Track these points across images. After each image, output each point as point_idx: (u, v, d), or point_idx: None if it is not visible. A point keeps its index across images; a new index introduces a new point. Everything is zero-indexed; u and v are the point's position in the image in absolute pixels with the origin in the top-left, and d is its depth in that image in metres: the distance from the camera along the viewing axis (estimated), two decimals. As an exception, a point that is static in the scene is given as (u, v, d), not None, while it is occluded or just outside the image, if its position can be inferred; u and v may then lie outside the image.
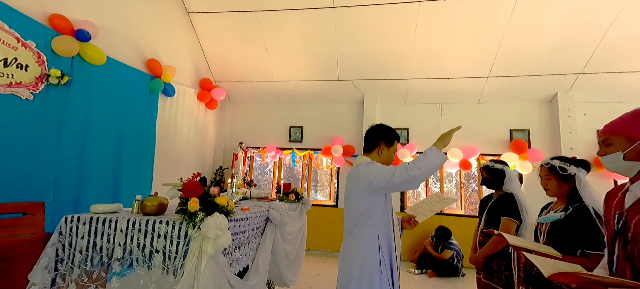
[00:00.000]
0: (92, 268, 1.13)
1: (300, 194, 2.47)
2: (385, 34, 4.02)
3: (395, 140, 1.59)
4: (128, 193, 3.12)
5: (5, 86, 2.16)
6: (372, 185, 1.36)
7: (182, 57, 4.19)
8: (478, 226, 2.03)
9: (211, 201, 1.13)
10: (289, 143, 4.92)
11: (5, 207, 1.87)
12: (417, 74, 4.39)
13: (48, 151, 2.41)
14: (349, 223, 1.46)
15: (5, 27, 2.16)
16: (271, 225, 1.69)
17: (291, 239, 1.94)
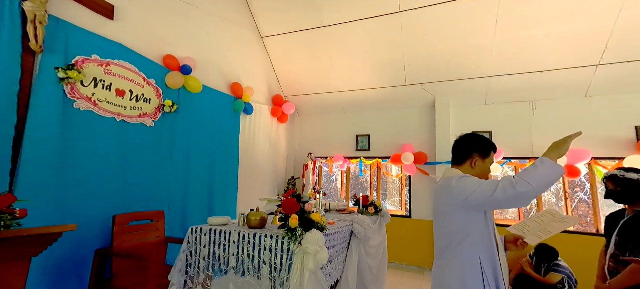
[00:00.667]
0: (214, 274, 1.33)
1: (378, 206, 2.42)
2: (458, 32, 3.72)
3: (491, 150, 1.44)
4: (220, 203, 3.56)
5: (136, 117, 2.72)
6: (468, 200, 1.25)
7: (258, 77, 4.63)
8: (605, 249, 1.66)
9: (308, 217, 1.21)
10: (356, 152, 4.92)
11: (139, 215, 2.34)
12: (499, 70, 3.91)
13: (163, 168, 2.92)
14: (441, 241, 1.36)
15: (136, 70, 2.73)
16: (356, 239, 1.70)
17: (373, 253, 1.92)
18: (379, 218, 2.38)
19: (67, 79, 2.15)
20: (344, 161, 4.86)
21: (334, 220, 1.76)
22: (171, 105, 3.00)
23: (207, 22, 3.61)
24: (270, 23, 4.47)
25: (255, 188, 4.38)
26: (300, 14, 4.17)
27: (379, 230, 2.31)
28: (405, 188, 4.62)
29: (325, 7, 3.98)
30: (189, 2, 3.34)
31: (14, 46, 1.90)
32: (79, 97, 2.26)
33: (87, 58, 2.32)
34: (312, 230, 1.15)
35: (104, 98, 2.44)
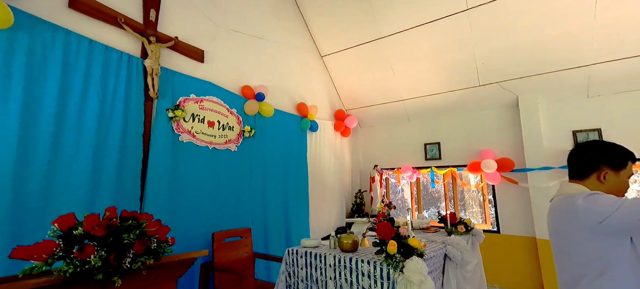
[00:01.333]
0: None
1: (469, 225, 2.21)
2: (543, 20, 3.26)
3: (628, 160, 1.18)
4: (295, 219, 3.74)
5: (223, 143, 3.08)
6: (604, 225, 1.03)
7: (320, 95, 4.79)
8: None
9: (406, 243, 1.17)
10: (426, 162, 4.64)
11: (231, 232, 2.61)
12: (605, 56, 3.26)
13: (246, 188, 3.22)
14: (569, 271, 1.15)
15: (222, 103, 3.11)
16: (451, 264, 1.58)
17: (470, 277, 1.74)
18: (471, 238, 2.16)
19: (175, 117, 2.57)
20: (413, 172, 4.62)
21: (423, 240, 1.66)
22: (250, 130, 3.31)
23: (274, 51, 3.92)
24: (329, 42, 4.62)
25: (325, 203, 4.47)
26: (358, 30, 4.21)
27: (473, 252, 2.09)
28: (488, 198, 4.13)
29: (382, 19, 3.95)
30: (259, 36, 3.69)
31: (139, 96, 2.37)
32: (182, 131, 2.67)
33: (187, 98, 2.74)
34: (413, 257, 1.11)
35: (200, 130, 2.83)
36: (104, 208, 2.00)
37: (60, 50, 1.92)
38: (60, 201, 1.82)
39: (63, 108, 1.91)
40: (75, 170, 1.92)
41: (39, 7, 1.86)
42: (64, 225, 0.89)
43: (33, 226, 1.71)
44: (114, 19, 2.23)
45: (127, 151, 2.22)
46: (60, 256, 0.86)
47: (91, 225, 0.89)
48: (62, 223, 0.90)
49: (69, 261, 0.86)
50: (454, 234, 1.99)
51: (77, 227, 0.90)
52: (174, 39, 2.63)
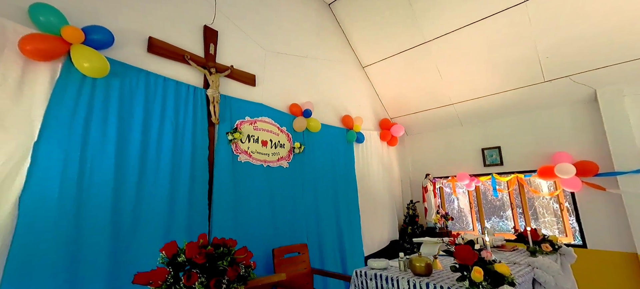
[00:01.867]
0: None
1: (556, 243, 1.95)
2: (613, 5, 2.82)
3: None
4: (347, 232, 3.70)
5: (276, 161, 3.21)
6: None
7: (364, 106, 4.75)
8: None
9: (493, 270, 1.07)
10: (485, 168, 4.26)
11: (289, 248, 2.67)
12: None
13: (299, 204, 3.28)
14: None
15: (273, 122, 3.26)
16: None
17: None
18: (559, 257, 1.89)
19: (233, 140, 2.76)
20: (471, 179, 4.28)
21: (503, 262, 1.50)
22: (299, 147, 3.40)
23: (318, 67, 4.02)
24: (370, 52, 4.60)
25: (376, 215, 4.35)
26: (399, 37, 4.13)
27: (566, 276, 1.83)
28: (567, 210, 3.63)
29: (426, 24, 3.81)
30: (303, 55, 3.82)
31: (204, 123, 2.59)
32: (240, 152, 2.85)
33: (242, 120, 2.93)
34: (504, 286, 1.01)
35: (255, 150, 2.99)
36: (181, 225, 2.21)
37: (142, 90, 2.20)
38: (146, 220, 2.06)
39: (146, 140, 2.18)
40: (157, 193, 2.16)
41: (127, 54, 2.17)
42: (169, 252, 1.01)
43: (126, 244, 1.95)
44: (181, 57, 2.51)
45: (196, 174, 2.43)
46: (170, 282, 0.97)
47: (192, 253, 0.99)
48: (168, 251, 1.01)
49: (178, 287, 0.96)
50: (539, 254, 1.76)
51: (180, 254, 1.01)
52: (230, 68, 2.86)
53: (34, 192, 1.66)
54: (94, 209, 1.85)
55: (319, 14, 4.20)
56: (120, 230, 1.94)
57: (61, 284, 1.64)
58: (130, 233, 1.98)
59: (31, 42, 1.68)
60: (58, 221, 1.70)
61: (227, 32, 2.95)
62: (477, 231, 4.48)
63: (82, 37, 1.86)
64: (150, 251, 2.03)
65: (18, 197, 1.62)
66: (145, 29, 2.33)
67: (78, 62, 1.84)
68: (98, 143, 1.94)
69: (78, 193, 1.81)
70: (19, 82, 1.70)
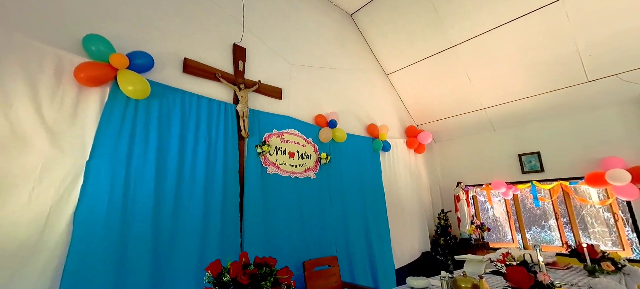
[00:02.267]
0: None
1: (618, 261, 1.76)
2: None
3: None
4: (377, 243, 3.61)
5: (303, 172, 3.23)
6: None
7: (389, 114, 4.68)
8: None
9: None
10: (524, 175, 4.00)
11: (319, 261, 2.65)
12: None
13: (327, 215, 3.26)
14: None
15: (299, 133, 3.29)
16: (604, 312, 1.25)
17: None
18: (623, 277, 1.70)
19: (262, 152, 2.82)
20: (508, 188, 4.03)
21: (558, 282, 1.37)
22: (326, 157, 3.40)
23: (342, 77, 4.04)
24: (393, 60, 4.55)
25: (405, 225, 4.22)
26: (424, 43, 4.05)
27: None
28: (621, 220, 3.29)
29: (452, 28, 3.72)
30: (327, 66, 3.86)
31: (234, 137, 2.68)
32: (269, 164, 2.90)
33: (270, 133, 2.99)
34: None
35: (283, 162, 3.03)
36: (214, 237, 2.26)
37: (179, 108, 2.33)
38: (183, 233, 2.14)
39: (182, 155, 2.28)
40: (192, 206, 2.24)
41: (165, 76, 2.31)
42: (214, 271, 1.04)
43: (166, 255, 2.04)
44: (213, 75, 2.63)
45: (228, 186, 2.51)
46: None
47: (236, 272, 1.02)
48: (213, 270, 1.05)
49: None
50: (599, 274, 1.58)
51: (224, 274, 1.04)
52: (258, 83, 2.94)
53: (86, 208, 1.79)
54: (137, 223, 1.95)
55: (342, 25, 4.25)
56: (160, 242, 2.03)
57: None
58: (169, 245, 2.07)
59: (84, 69, 1.85)
60: (106, 234, 1.82)
61: (254, 48, 3.06)
62: (516, 243, 4.17)
63: (127, 62, 2.01)
64: (187, 262, 2.11)
65: (73, 213, 1.75)
66: (180, 51, 2.47)
67: (123, 85, 1.99)
68: (140, 160, 2.06)
69: (123, 208, 1.92)
70: (74, 107, 1.86)
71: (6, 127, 1.61)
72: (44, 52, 1.77)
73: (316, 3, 3.93)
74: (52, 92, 1.79)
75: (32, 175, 1.66)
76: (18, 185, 1.61)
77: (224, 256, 2.29)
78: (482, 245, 3.91)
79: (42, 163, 1.70)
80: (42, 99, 1.74)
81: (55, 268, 1.65)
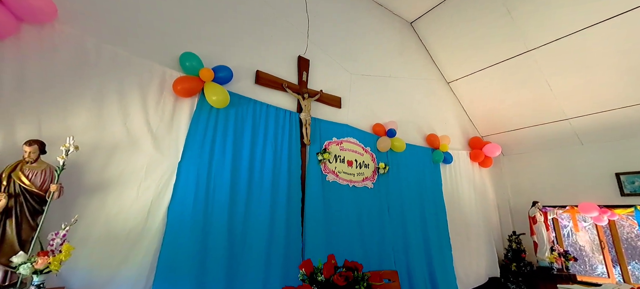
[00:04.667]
0: None
1: None
2: None
3: None
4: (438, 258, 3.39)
5: (361, 181, 3.20)
6: None
7: (451, 124, 4.40)
8: None
9: None
10: (623, 199, 3.36)
11: (383, 274, 2.58)
12: None
13: (385, 226, 3.17)
14: None
15: (357, 142, 3.30)
16: None
17: None
18: None
19: (323, 160, 2.89)
20: (601, 211, 3.42)
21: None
22: (384, 167, 3.34)
23: (401, 86, 3.95)
24: (455, 68, 4.31)
25: (469, 244, 3.87)
26: (492, 48, 3.77)
27: None
28: None
29: (529, 31, 3.38)
30: (386, 75, 3.82)
31: (297, 144, 2.80)
32: (328, 172, 2.95)
33: (330, 141, 3.06)
34: None
35: (342, 170, 3.06)
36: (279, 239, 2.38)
37: (250, 116, 2.53)
38: (253, 232, 2.30)
39: (252, 159, 2.47)
40: (260, 208, 2.40)
41: (240, 86, 2.55)
42: (307, 270, 1.11)
43: (239, 251, 2.20)
44: (280, 85, 2.81)
45: (292, 191, 2.62)
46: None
47: (329, 273, 1.07)
48: (306, 269, 1.12)
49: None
50: None
51: (317, 274, 1.10)
52: (320, 92, 3.05)
53: (177, 202, 2.04)
54: (215, 219, 2.16)
55: (401, 34, 4.18)
56: (235, 238, 2.21)
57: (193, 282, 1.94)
58: (241, 242, 2.24)
59: (181, 82, 2.14)
60: (192, 228, 2.05)
61: (317, 60, 3.19)
62: (613, 278, 3.49)
63: (212, 75, 2.27)
64: (256, 258, 2.25)
65: (167, 207, 2.02)
66: (253, 65, 2.71)
67: (209, 96, 2.25)
68: (219, 162, 2.28)
69: (205, 203, 2.15)
70: (171, 115, 2.17)
71: (124, 133, 1.94)
72: (153, 69, 2.10)
73: (376, 13, 3.95)
74: (156, 103, 2.11)
75: (139, 174, 1.97)
76: (130, 181, 1.91)
77: (287, 259, 2.39)
78: (566, 277, 3.36)
79: (147, 164, 2.00)
80: (149, 108, 2.07)
81: (154, 253, 1.91)
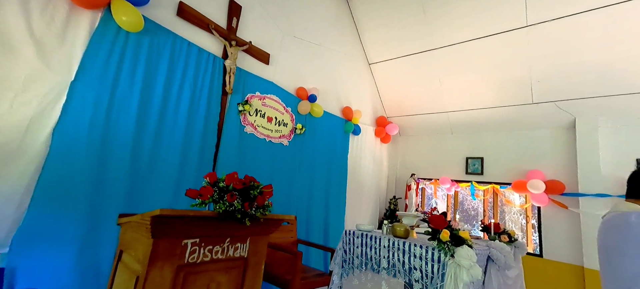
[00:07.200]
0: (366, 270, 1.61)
1: (513, 236, 2.28)
2: (610, 40, 3.15)
3: None
4: (334, 214, 4.00)
5: (278, 138, 3.44)
6: None
7: (365, 101, 5.00)
8: None
9: (457, 234, 1.35)
10: (466, 176, 4.61)
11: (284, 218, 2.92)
12: (681, 82, 3.05)
13: (294, 181, 3.53)
14: (615, 284, 1.24)
15: (280, 101, 3.47)
16: (494, 266, 1.69)
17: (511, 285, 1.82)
18: (515, 249, 2.22)
19: (243, 111, 2.97)
20: (452, 184, 4.62)
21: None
22: (301, 128, 3.64)
23: (328, 57, 4.23)
24: (378, 51, 4.83)
25: (361, 204, 4.65)
26: (409, 41, 4.36)
27: (516, 261, 2.16)
28: (531, 222, 4.01)
29: (436, 32, 4.05)
30: (317, 43, 4.02)
31: (218, 91, 2.79)
32: (247, 124, 3.06)
33: (253, 95, 3.14)
34: (463, 246, 1.28)
35: (260, 124, 3.21)
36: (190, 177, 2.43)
37: (168, 50, 2.38)
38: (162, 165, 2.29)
39: (166, 97, 2.37)
40: (172, 147, 2.37)
41: (158, 15, 2.34)
42: (211, 179, 1.26)
43: (143, 179, 2.18)
44: (206, 25, 2.68)
45: (207, 136, 2.65)
46: (215, 199, 1.23)
47: (231, 181, 1.24)
48: (211, 178, 1.26)
49: (222, 202, 1.22)
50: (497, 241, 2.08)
51: (220, 181, 1.26)
52: (249, 43, 3.04)
53: (66, 126, 1.85)
54: (117, 147, 2.05)
55: (338, 7, 4.39)
56: (139, 169, 2.16)
57: (87, 205, 1.86)
58: (147, 173, 2.21)
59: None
60: (87, 155, 1.90)
61: (250, 8, 3.12)
62: (451, 232, 4.84)
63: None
64: (164, 189, 2.28)
65: (53, 128, 1.81)
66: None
67: (117, 15, 2.01)
68: (125, 93, 2.12)
69: (104, 135, 2.00)
70: (64, 25, 1.87)
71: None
72: (39, -39, 1.74)
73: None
74: (43, 6, 1.78)
75: (15, 84, 1.68)
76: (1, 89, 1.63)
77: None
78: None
79: (26, 74, 1.72)
80: (32, 9, 1.74)
81: (32, 175, 1.72)
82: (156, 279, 1.06)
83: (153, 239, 1.07)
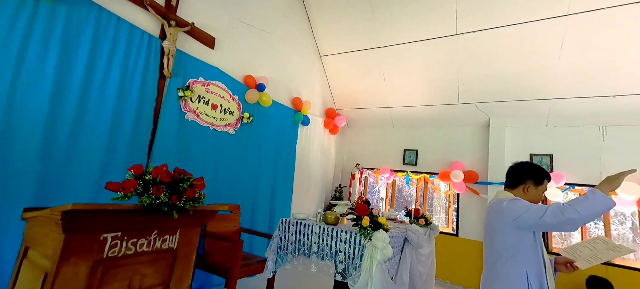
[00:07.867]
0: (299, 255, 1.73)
1: (429, 219, 2.63)
2: (519, 54, 3.75)
3: (545, 179, 1.59)
4: (280, 203, 4.07)
5: (223, 126, 3.34)
6: (518, 221, 1.43)
7: (315, 92, 5.11)
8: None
9: (376, 220, 1.53)
10: (403, 166, 5.08)
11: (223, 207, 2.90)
12: (564, 93, 3.80)
13: (240, 170, 3.50)
14: (491, 256, 1.56)
15: (225, 88, 3.36)
16: (409, 246, 1.96)
17: (423, 261, 2.14)
18: (429, 230, 2.58)
19: (183, 97, 2.82)
20: (391, 174, 5.06)
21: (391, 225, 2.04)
22: (248, 117, 3.59)
23: (279, 46, 4.20)
24: (330, 44, 4.95)
25: (308, 192, 4.82)
26: (358, 36, 4.56)
27: (429, 241, 2.51)
28: (453, 206, 4.64)
29: (382, 31, 4.31)
30: (267, 31, 3.95)
31: (155, 73, 2.60)
32: (188, 110, 2.92)
33: (196, 80, 2.99)
34: (380, 230, 1.47)
35: (204, 111, 3.09)
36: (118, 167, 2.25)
37: (92, 24, 2.13)
38: (83, 153, 2.07)
39: (90, 77, 2.13)
40: (95, 134, 2.16)
41: (78, -17, 2.06)
42: (137, 172, 1.19)
43: (59, 169, 1.95)
44: (140, 0, 2.45)
45: (141, 122, 2.46)
46: (139, 192, 1.16)
47: (158, 174, 1.19)
48: (136, 171, 1.19)
49: (147, 195, 1.17)
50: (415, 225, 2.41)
51: (146, 174, 1.20)
52: (191, 25, 2.87)
53: (-47, 104, 1.57)
54: (23, 133, 1.80)
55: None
56: (53, 156, 1.93)
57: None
58: (63, 163, 1.98)
59: (-32, -59, 1.54)
60: (-18, 139, 1.64)
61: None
62: (389, 217, 5.33)
63: (30, -49, 1.74)
64: (85, 180, 2.06)
65: None
66: (102, -39, 2.22)
67: (22, -23, 1.73)
68: (35, 67, 1.86)
69: (7, 114, 1.74)
70: (-55, -19, 1.55)
71: None
72: None
73: (266, -37, 3.91)
74: None
75: None
76: None
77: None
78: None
79: None
80: None
81: None
82: (68, 275, 1.01)
83: (65, 234, 1.00)
